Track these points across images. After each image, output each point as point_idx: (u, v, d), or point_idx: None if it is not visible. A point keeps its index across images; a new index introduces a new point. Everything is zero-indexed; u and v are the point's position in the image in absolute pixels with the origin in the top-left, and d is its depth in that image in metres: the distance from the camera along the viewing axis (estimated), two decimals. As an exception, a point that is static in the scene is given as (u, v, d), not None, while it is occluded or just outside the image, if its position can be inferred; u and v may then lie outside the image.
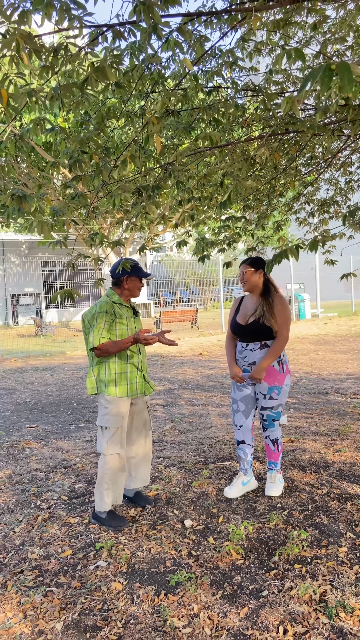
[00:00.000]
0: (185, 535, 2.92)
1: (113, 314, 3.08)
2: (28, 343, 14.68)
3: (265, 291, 3.37)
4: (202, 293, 27.49)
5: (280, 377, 3.33)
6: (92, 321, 3.07)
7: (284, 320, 3.29)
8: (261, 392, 3.35)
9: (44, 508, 3.38)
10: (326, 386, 7.06)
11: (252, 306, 3.40)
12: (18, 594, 2.43)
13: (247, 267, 3.36)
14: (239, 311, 3.48)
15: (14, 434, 5.30)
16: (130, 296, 3.21)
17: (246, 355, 3.37)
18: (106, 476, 3.05)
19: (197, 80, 3.22)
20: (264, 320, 3.28)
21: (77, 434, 5.20)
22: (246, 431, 3.46)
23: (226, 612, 2.22)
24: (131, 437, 3.27)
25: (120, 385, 3.10)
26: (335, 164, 4.64)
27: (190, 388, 7.38)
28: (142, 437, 3.29)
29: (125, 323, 3.12)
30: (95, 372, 3.13)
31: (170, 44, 2.55)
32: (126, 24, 2.24)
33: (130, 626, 2.16)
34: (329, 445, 4.41)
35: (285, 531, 2.90)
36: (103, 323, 3.03)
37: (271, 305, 3.31)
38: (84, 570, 2.61)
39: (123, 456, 3.09)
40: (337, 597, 2.26)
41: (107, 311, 3.06)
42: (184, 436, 4.91)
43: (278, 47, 3.74)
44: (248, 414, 3.44)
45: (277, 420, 3.38)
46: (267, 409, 3.35)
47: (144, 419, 3.29)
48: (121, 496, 3.14)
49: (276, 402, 3.34)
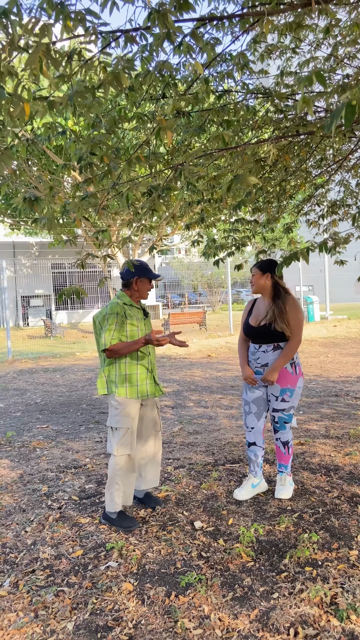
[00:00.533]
0: (195, 536, 2.92)
1: (124, 315, 3.10)
2: (38, 344, 14.77)
3: (275, 294, 3.37)
4: (210, 295, 27.48)
5: (292, 379, 3.32)
6: (103, 322, 3.09)
7: (296, 323, 3.28)
8: (273, 394, 3.34)
9: (55, 508, 3.41)
10: (336, 389, 7.03)
11: (264, 309, 3.40)
12: (29, 594, 2.45)
13: (256, 271, 3.38)
14: (251, 313, 3.49)
15: (24, 434, 5.34)
16: (140, 297, 3.23)
17: (259, 356, 3.37)
18: (117, 477, 3.07)
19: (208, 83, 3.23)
20: (275, 325, 3.28)
21: (87, 434, 5.22)
22: (258, 433, 3.45)
23: (237, 613, 2.22)
24: (141, 439, 3.28)
25: (130, 386, 3.12)
26: (346, 166, 4.63)
27: (198, 390, 7.39)
28: (152, 438, 3.30)
29: (136, 324, 3.14)
30: (105, 373, 3.15)
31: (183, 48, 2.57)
32: (139, 29, 2.26)
33: (141, 627, 2.17)
34: (339, 448, 4.39)
35: (296, 534, 2.90)
36: (114, 324, 3.05)
37: (282, 310, 3.30)
38: (95, 571, 2.62)
39: (133, 457, 3.11)
40: (348, 600, 2.25)
41: (117, 312, 3.09)
42: (193, 438, 4.92)
43: (289, 49, 3.74)
44: (260, 416, 3.44)
45: (288, 422, 3.38)
46: (279, 411, 3.35)
47: (154, 420, 3.31)
48: (131, 497, 3.15)
49: (288, 405, 3.34)
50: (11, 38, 1.95)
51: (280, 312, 3.30)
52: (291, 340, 3.28)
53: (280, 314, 3.29)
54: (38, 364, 10.88)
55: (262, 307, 3.43)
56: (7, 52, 2.01)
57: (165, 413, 6.00)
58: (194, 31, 2.16)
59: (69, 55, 2.20)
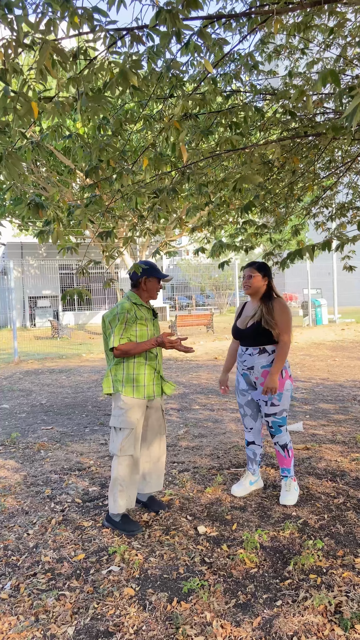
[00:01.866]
0: (198, 541, 2.89)
1: (134, 315, 3.09)
2: (45, 345, 14.80)
3: (265, 296, 3.40)
4: (218, 297, 27.43)
5: (279, 383, 3.33)
6: (114, 321, 3.07)
7: (284, 324, 3.31)
8: (262, 399, 3.36)
9: (58, 511, 3.39)
10: (343, 393, 6.96)
11: (252, 310, 3.43)
12: (30, 597, 2.42)
13: (254, 272, 3.38)
14: (240, 316, 3.52)
15: (29, 435, 5.33)
16: (149, 298, 3.22)
17: (245, 359, 3.40)
18: (120, 477, 3.05)
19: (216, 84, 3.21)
20: (264, 323, 3.29)
21: (92, 436, 5.20)
22: (256, 432, 3.53)
23: (239, 621, 2.19)
24: (145, 442, 3.26)
25: (137, 387, 3.10)
26: (355, 168, 4.58)
27: (205, 393, 7.35)
28: (157, 442, 3.28)
29: (145, 324, 3.13)
30: (113, 372, 3.13)
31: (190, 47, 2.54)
32: (144, 27, 2.23)
33: (142, 633, 2.14)
34: (345, 454, 4.34)
35: (300, 540, 2.85)
36: (124, 324, 3.04)
37: (270, 310, 3.33)
38: (97, 575, 2.60)
39: (137, 458, 3.08)
40: (353, 609, 2.21)
41: (128, 311, 3.08)
42: (198, 441, 4.88)
43: (298, 50, 3.71)
44: (256, 417, 3.50)
45: (283, 425, 3.37)
46: (271, 415, 3.35)
47: (159, 423, 3.28)
48: (134, 499, 3.13)
49: (279, 408, 3.34)
50: (17, 35, 1.93)
51: (268, 311, 3.32)
52: (281, 344, 3.30)
53: (269, 312, 3.32)
54: (44, 365, 10.89)
55: (251, 308, 3.47)
56: (13, 49, 2.00)
57: (171, 416, 5.97)
58: (202, 29, 2.14)
59: (74, 54, 2.19)
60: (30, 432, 5.45)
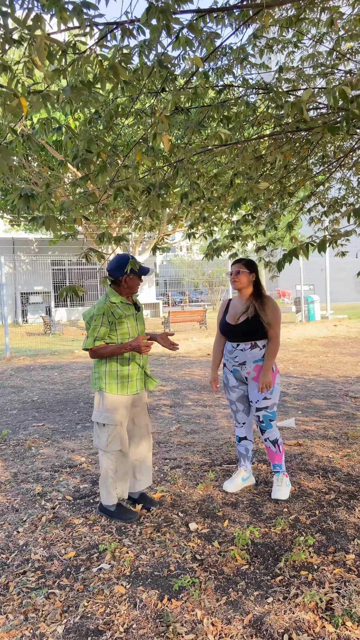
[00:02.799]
0: (189, 538, 2.88)
1: (112, 315, 3.04)
2: (37, 341, 14.72)
3: (256, 293, 3.41)
4: (211, 293, 27.43)
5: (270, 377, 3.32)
6: (90, 322, 3.06)
7: (276, 322, 3.34)
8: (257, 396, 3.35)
9: (48, 508, 3.36)
10: (335, 389, 6.98)
11: (242, 306, 3.41)
12: (20, 596, 2.40)
13: (242, 268, 3.38)
14: (227, 312, 3.49)
15: (20, 432, 5.29)
16: (130, 293, 3.19)
17: (236, 355, 3.39)
18: (110, 471, 3.06)
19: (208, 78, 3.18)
20: (260, 316, 3.30)
21: (84, 433, 5.18)
22: (248, 428, 3.54)
23: (230, 618, 2.18)
24: (134, 440, 3.25)
25: (122, 383, 3.08)
26: (348, 163, 4.57)
27: (197, 389, 7.34)
28: (145, 440, 3.28)
29: (126, 321, 3.09)
30: (96, 369, 3.12)
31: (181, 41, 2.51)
32: (135, 21, 2.20)
33: (133, 631, 2.13)
34: (337, 450, 4.35)
35: (292, 536, 2.85)
36: (99, 325, 3.01)
37: (263, 306, 3.35)
38: (87, 573, 2.58)
39: (126, 452, 3.08)
40: (344, 606, 2.21)
41: (104, 313, 3.03)
42: (191, 437, 4.87)
43: (290, 44, 3.68)
44: (248, 412, 3.51)
45: (273, 420, 3.38)
46: (262, 409, 3.36)
47: (145, 421, 3.28)
48: (127, 490, 3.14)
49: (270, 402, 3.35)
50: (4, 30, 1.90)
51: (261, 306, 3.34)
52: (272, 339, 3.33)
53: (262, 307, 3.34)
54: (36, 361, 10.84)
55: (240, 305, 3.45)
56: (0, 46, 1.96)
57: (163, 412, 5.96)
58: (192, 23, 2.11)
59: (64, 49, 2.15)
60: (21, 429, 5.42)
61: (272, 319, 3.33)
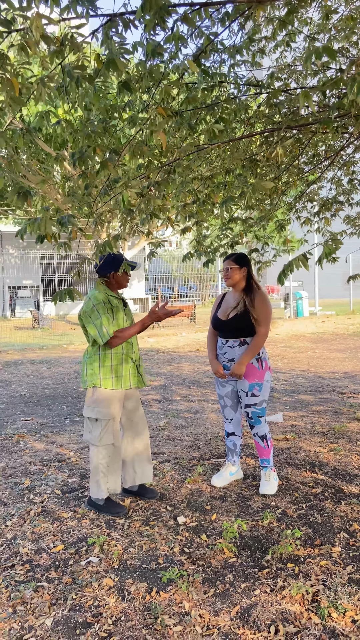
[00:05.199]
0: (178, 532, 2.90)
1: (109, 302, 3.07)
2: (25, 336, 14.64)
3: (247, 288, 3.40)
4: (200, 289, 27.46)
5: (259, 374, 3.35)
6: (93, 315, 3.02)
7: (264, 316, 3.31)
8: (243, 389, 3.37)
9: (37, 502, 3.37)
10: (323, 384, 7.05)
11: (234, 301, 3.41)
12: (8, 589, 2.41)
13: (232, 264, 3.37)
14: (220, 307, 3.49)
15: (8, 426, 5.28)
16: (119, 288, 3.20)
17: (225, 351, 3.40)
18: (101, 466, 3.07)
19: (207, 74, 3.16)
20: (249, 313, 3.29)
21: (72, 427, 5.17)
22: (236, 423, 3.54)
23: (217, 610, 2.21)
24: (131, 435, 3.26)
25: (116, 378, 3.10)
26: (338, 163, 4.60)
27: (186, 384, 7.37)
28: (142, 434, 3.30)
29: (118, 313, 3.12)
30: (88, 366, 3.12)
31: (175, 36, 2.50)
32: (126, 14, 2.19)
33: (121, 623, 2.15)
34: (324, 444, 4.40)
35: (279, 530, 2.89)
36: (104, 314, 3.01)
37: (252, 301, 3.34)
38: (76, 566, 2.59)
39: (118, 446, 3.10)
40: (330, 598, 2.25)
41: (104, 301, 3.05)
42: (179, 432, 4.90)
43: (283, 43, 3.69)
44: (236, 408, 3.52)
45: (262, 416, 3.40)
46: (251, 406, 3.38)
47: (140, 416, 3.29)
48: (119, 484, 3.15)
49: (259, 399, 3.36)
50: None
51: (251, 302, 3.33)
52: (257, 335, 3.31)
53: (251, 304, 3.33)
54: (24, 356, 10.78)
55: (232, 300, 3.46)
56: None
57: (152, 407, 5.97)
58: (186, 14, 2.11)
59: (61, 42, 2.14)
60: (9, 423, 5.40)
61: (261, 314, 3.30)
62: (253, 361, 3.34)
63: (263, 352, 3.41)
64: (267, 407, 3.44)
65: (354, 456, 4.07)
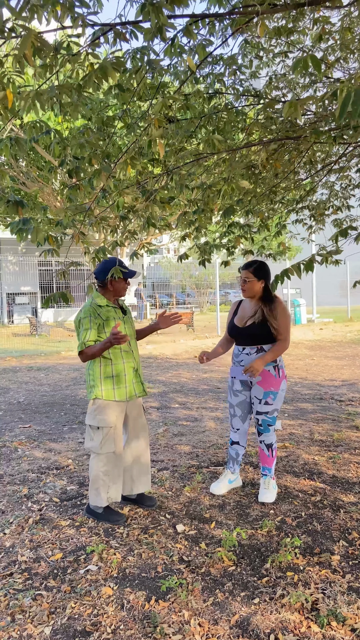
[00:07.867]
0: (177, 540, 2.90)
1: (98, 316, 3.05)
2: (23, 342, 14.62)
3: (265, 297, 3.36)
4: (198, 296, 27.47)
5: (275, 382, 3.32)
6: (78, 327, 3.06)
7: (284, 327, 3.30)
8: (257, 396, 3.34)
9: (35, 510, 3.35)
10: (321, 392, 7.05)
11: (251, 309, 3.39)
12: (7, 597, 2.40)
13: (250, 277, 3.32)
14: (237, 314, 3.48)
15: (6, 434, 5.26)
16: (117, 296, 3.20)
17: (242, 359, 3.38)
18: (101, 473, 3.06)
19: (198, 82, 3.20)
20: (269, 321, 3.26)
21: (70, 435, 5.16)
22: (242, 434, 3.51)
23: (217, 619, 2.20)
24: (131, 444, 3.25)
25: (118, 388, 3.10)
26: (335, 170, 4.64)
27: (184, 391, 7.36)
28: (143, 443, 3.29)
29: (114, 323, 3.09)
30: (90, 376, 3.12)
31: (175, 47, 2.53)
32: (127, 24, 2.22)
33: (120, 632, 2.14)
34: (323, 452, 4.40)
35: (278, 538, 2.88)
36: (89, 329, 3.01)
37: (272, 311, 3.31)
38: (74, 574, 2.58)
39: (119, 453, 3.09)
40: (329, 606, 2.24)
41: (91, 315, 3.04)
42: (178, 440, 4.89)
43: (281, 54, 3.74)
44: (245, 419, 3.48)
45: (272, 425, 3.38)
46: (263, 413, 3.35)
47: (142, 424, 3.29)
48: (120, 492, 3.13)
49: (272, 407, 3.34)
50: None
51: (270, 311, 3.30)
52: (280, 341, 3.29)
53: (270, 312, 3.30)
54: (22, 363, 10.77)
55: (249, 307, 3.42)
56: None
57: (151, 414, 5.97)
58: (188, 27, 2.14)
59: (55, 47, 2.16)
60: (7, 431, 5.39)
61: (282, 326, 3.28)
62: (270, 368, 3.31)
63: (280, 359, 3.39)
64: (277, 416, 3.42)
65: (352, 464, 4.07)
